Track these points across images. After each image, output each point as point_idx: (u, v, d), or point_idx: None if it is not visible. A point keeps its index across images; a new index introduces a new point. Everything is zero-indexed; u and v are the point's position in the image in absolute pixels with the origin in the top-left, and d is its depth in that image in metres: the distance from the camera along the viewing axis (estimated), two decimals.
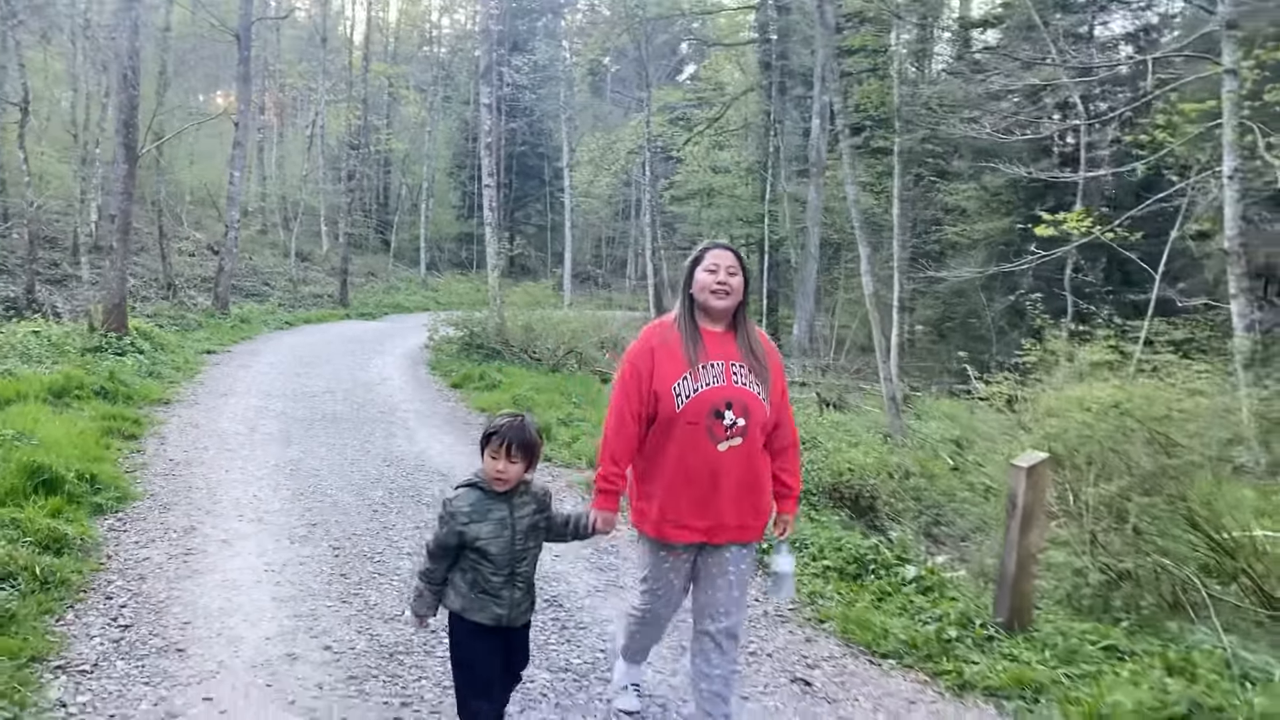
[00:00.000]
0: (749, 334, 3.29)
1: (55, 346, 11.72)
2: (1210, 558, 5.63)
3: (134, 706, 3.48)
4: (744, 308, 3.32)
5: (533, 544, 3.07)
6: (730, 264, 3.27)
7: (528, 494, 3.06)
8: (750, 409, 3.17)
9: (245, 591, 4.70)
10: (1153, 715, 3.60)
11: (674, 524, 3.21)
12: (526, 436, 2.95)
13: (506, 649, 3.08)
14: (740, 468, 3.18)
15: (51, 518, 5.23)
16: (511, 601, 3.00)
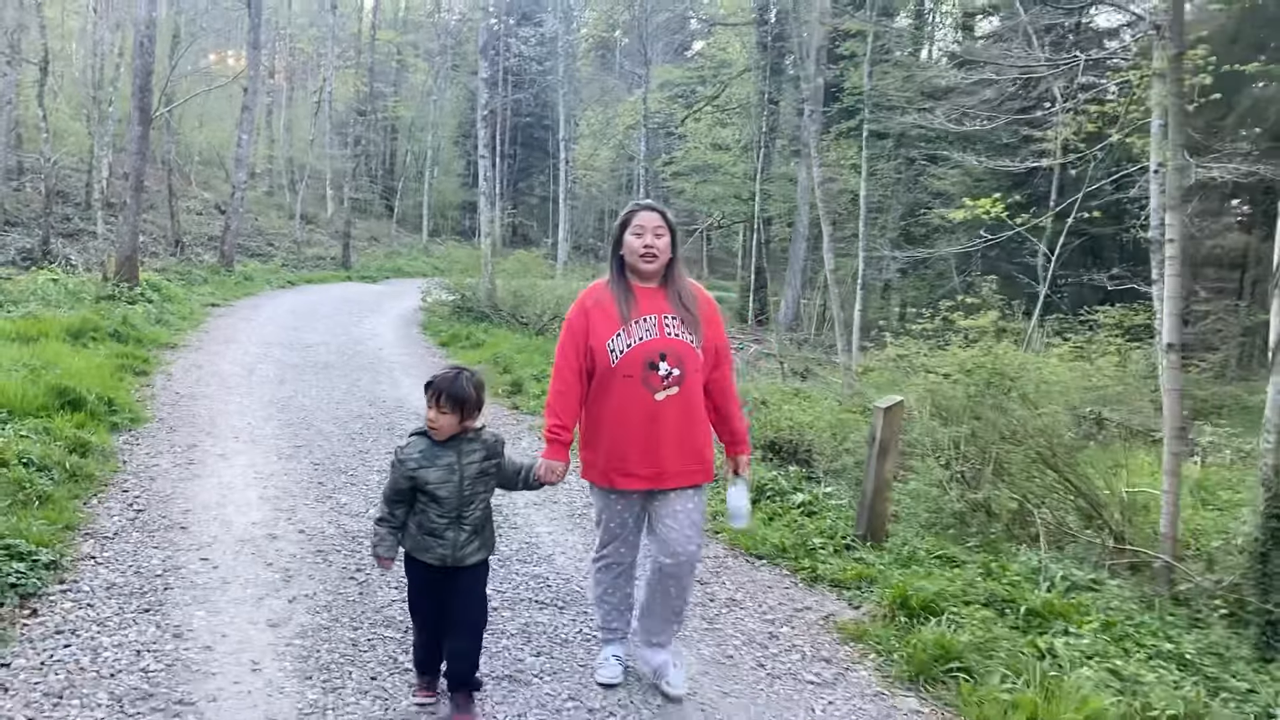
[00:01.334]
0: (680, 287, 3.43)
1: (72, 294, 12.68)
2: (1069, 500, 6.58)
3: (146, 561, 4.44)
4: (675, 263, 3.45)
5: (481, 489, 3.22)
6: (657, 225, 3.39)
7: (477, 441, 3.21)
8: (684, 358, 3.33)
9: (237, 491, 5.67)
10: (952, 599, 4.54)
11: (619, 472, 3.37)
12: (455, 389, 3.11)
13: (451, 589, 3.21)
14: (679, 415, 3.35)
15: (77, 429, 6.21)
16: (455, 543, 3.16)
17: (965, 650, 3.98)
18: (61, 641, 3.54)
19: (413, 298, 19.38)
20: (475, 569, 3.26)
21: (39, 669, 3.32)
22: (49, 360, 8.00)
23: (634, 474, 3.37)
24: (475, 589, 3.28)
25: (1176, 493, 5.81)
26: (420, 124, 43.99)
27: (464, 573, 3.21)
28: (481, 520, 3.24)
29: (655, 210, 3.44)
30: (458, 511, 3.15)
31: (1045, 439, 6.54)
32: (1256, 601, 5.21)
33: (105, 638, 3.61)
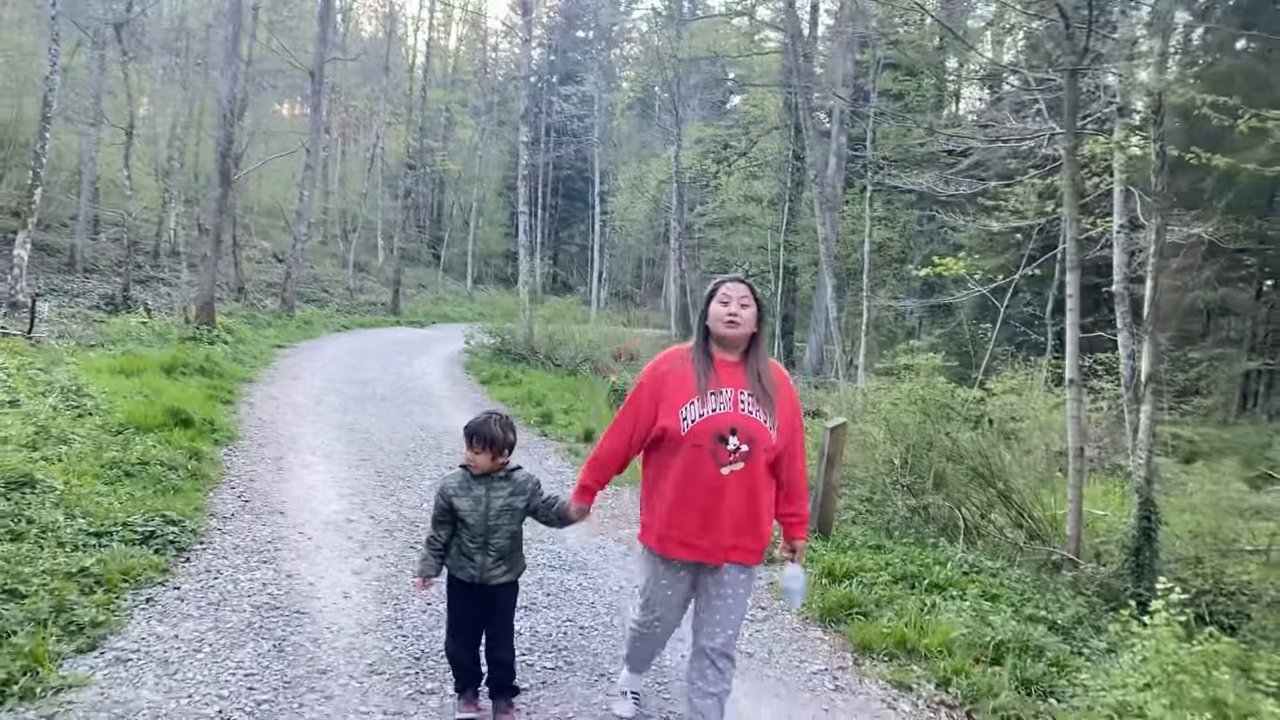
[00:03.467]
0: (760, 365, 3.40)
1: (159, 335, 14.40)
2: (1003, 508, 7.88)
3: (258, 533, 5.92)
4: (758, 339, 3.43)
5: (505, 521, 3.58)
6: (742, 296, 3.39)
7: (508, 481, 3.61)
8: (755, 436, 3.27)
9: (319, 490, 7.16)
10: (869, 572, 5.87)
11: (676, 541, 3.34)
12: (484, 430, 3.55)
13: (481, 605, 3.63)
14: (741, 492, 3.28)
15: (190, 442, 7.75)
16: (482, 565, 3.58)
17: (867, 603, 5.33)
18: (210, 578, 5.02)
19: (457, 341, 20.99)
20: (505, 588, 3.67)
21: (200, 591, 4.80)
22: (155, 389, 9.60)
23: (689, 544, 3.34)
24: (506, 608, 3.71)
25: (1079, 502, 7.11)
26: (466, 177, 46.13)
27: (494, 591, 3.64)
28: (508, 549, 3.62)
29: (742, 283, 3.45)
30: (484, 539, 3.57)
31: (982, 458, 7.87)
32: (1131, 585, 6.50)
33: (240, 576, 5.09)
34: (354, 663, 4.16)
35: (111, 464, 6.60)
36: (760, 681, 4.38)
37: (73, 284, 23.18)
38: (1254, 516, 8.71)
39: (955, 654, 4.68)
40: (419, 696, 3.89)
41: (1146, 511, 6.65)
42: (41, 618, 4.11)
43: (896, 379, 9.03)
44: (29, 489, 5.55)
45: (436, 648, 4.36)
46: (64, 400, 8.24)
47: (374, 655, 4.26)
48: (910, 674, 4.54)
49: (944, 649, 4.74)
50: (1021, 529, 7.71)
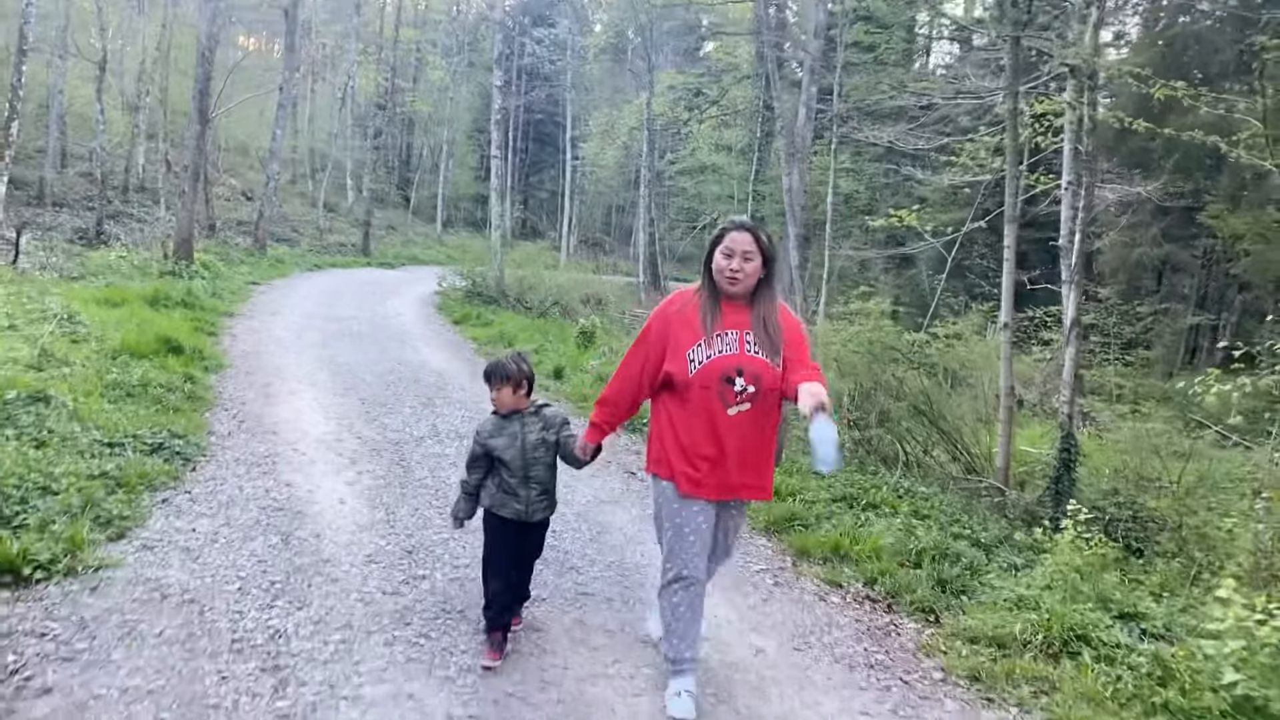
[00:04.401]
0: (765, 307, 3.41)
1: (139, 269, 14.72)
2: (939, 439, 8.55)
3: (256, 449, 6.44)
4: (766, 283, 3.43)
5: (541, 454, 3.74)
6: (746, 248, 3.35)
7: (537, 416, 3.78)
8: (761, 376, 3.33)
9: (307, 414, 7.67)
10: (811, 491, 6.50)
11: (686, 478, 3.41)
12: (501, 367, 3.74)
13: (520, 541, 3.80)
14: (749, 431, 3.37)
15: (183, 368, 8.21)
16: (527, 500, 3.73)
17: (808, 517, 5.97)
18: (217, 484, 5.56)
19: (428, 283, 21.35)
20: (541, 526, 3.88)
21: (209, 495, 5.34)
22: (143, 319, 10.01)
23: (699, 482, 3.41)
24: (537, 545, 3.96)
25: (1009, 436, 7.77)
26: (437, 119, 45.95)
27: (532, 528, 3.83)
28: (548, 481, 3.79)
29: (748, 231, 3.38)
30: (524, 473, 3.72)
31: (925, 397, 8.52)
32: (1050, 510, 7.18)
33: (244, 483, 5.63)
34: (353, 554, 4.72)
35: (114, 385, 7.08)
36: (714, 580, 4.99)
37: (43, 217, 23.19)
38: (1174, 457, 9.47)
39: (882, 558, 5.32)
40: (412, 580, 4.47)
41: (1066, 444, 7.34)
42: (74, 511, 4.63)
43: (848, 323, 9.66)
44: (44, 404, 6.03)
45: (426, 543, 4.94)
46: (59, 327, 8.64)
47: (370, 548, 4.83)
48: (841, 574, 5.18)
49: (873, 554, 5.38)
50: (958, 462, 8.39)
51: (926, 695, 3.87)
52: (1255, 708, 3.64)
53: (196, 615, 3.91)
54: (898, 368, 8.35)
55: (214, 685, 3.39)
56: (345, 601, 4.18)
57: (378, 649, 3.76)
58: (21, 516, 4.42)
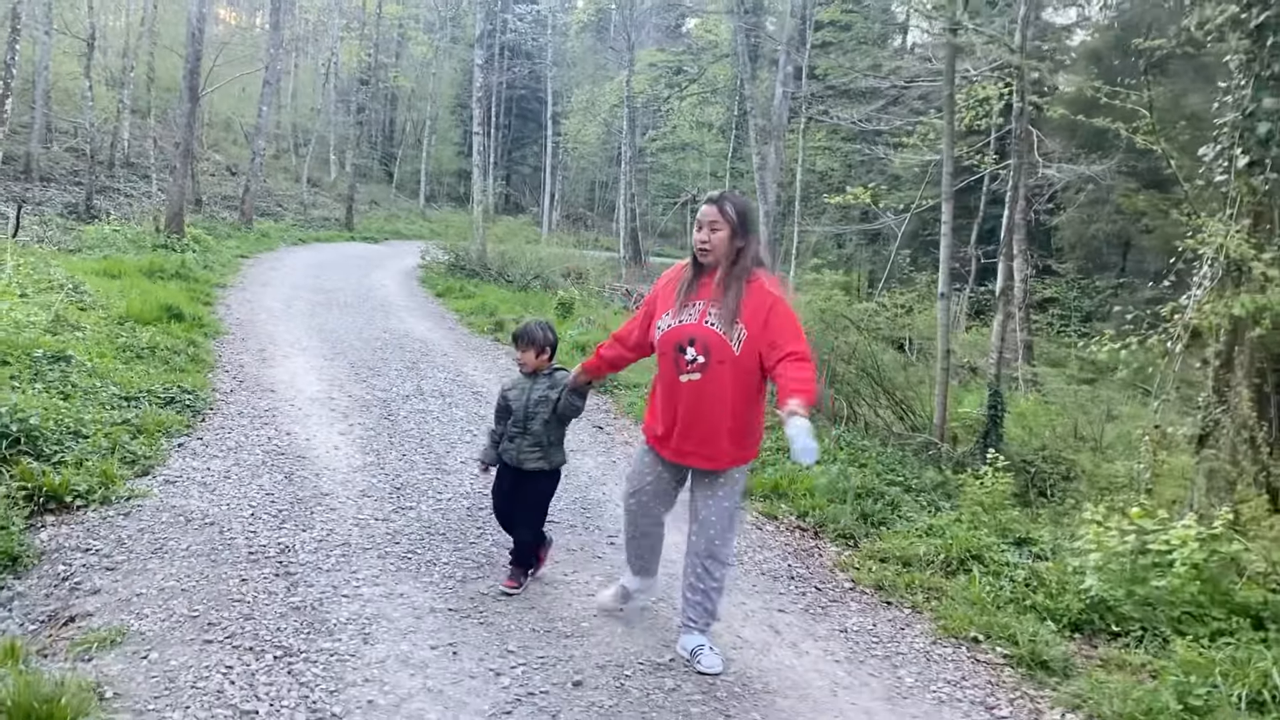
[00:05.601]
0: (732, 280, 3.48)
1: (132, 242, 15.26)
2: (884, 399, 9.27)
3: (256, 404, 7.11)
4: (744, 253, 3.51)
5: (541, 410, 4.14)
6: (712, 219, 3.49)
7: (549, 378, 4.20)
8: (711, 347, 3.45)
9: (301, 375, 8.32)
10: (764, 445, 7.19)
11: (652, 433, 3.78)
12: (526, 331, 4.24)
13: (513, 484, 4.26)
14: (695, 400, 3.52)
15: (185, 333, 8.85)
16: (519, 447, 4.19)
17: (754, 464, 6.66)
18: (225, 433, 6.23)
19: (412, 257, 21.92)
20: (534, 477, 4.22)
21: (219, 440, 6.01)
22: (144, 290, 10.61)
23: (660, 439, 3.71)
24: (532, 495, 4.25)
25: (944, 396, 8.50)
26: (419, 94, 46.24)
27: (525, 477, 4.21)
28: (542, 436, 4.18)
29: (714, 203, 3.52)
30: (524, 424, 4.17)
31: (872, 360, 9.24)
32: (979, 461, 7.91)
33: (249, 432, 6.30)
34: (348, 489, 5.41)
35: (124, 347, 7.72)
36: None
37: (31, 192, 23.62)
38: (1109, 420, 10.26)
39: (815, 496, 6.04)
40: (401, 510, 5.17)
41: (994, 401, 8.08)
42: (103, 451, 5.29)
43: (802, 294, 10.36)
44: (65, 363, 6.66)
45: (412, 481, 5.64)
46: (67, 295, 9.24)
47: (363, 485, 5.52)
48: (778, 509, 5.90)
49: (807, 493, 6.10)
50: (904, 421, 9.13)
51: (836, 599, 4.60)
52: (1106, 606, 4.39)
53: (217, 534, 4.60)
54: (849, 335, 9.05)
55: (236, 585, 4.08)
56: (343, 525, 4.87)
57: (372, 561, 4.46)
58: (59, 455, 5.09)
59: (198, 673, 3.35)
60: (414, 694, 3.31)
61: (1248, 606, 4.28)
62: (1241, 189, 5.76)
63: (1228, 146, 5.87)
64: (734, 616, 4.22)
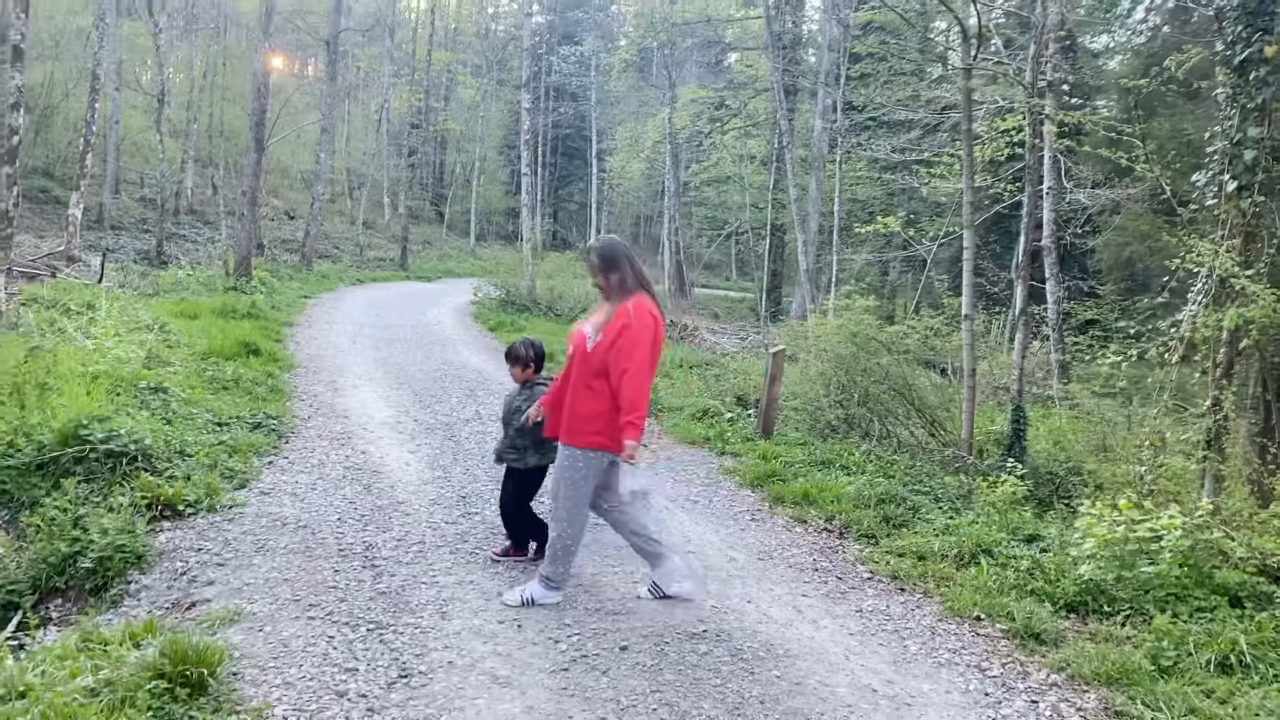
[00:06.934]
0: (606, 306, 4.44)
1: (204, 285, 16.25)
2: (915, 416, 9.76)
3: (332, 429, 7.82)
4: (618, 283, 4.39)
5: (515, 419, 4.88)
6: (590, 266, 4.48)
7: (529, 389, 4.99)
8: (576, 345, 4.43)
9: (371, 404, 9.05)
10: (793, 454, 7.76)
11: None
12: (509, 350, 5.08)
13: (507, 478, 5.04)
14: (566, 384, 4.48)
15: (262, 367, 9.64)
16: (500, 442, 5.05)
17: (786, 474, 7.23)
18: (308, 452, 6.94)
19: (465, 295, 22.79)
20: (513, 472, 4.98)
21: (304, 458, 6.73)
22: (222, 328, 11.46)
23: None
24: (510, 486, 5.04)
25: (971, 411, 8.98)
26: (468, 136, 47.59)
27: (508, 473, 5.05)
28: (516, 439, 4.90)
29: (586, 255, 4.53)
30: (505, 423, 5.06)
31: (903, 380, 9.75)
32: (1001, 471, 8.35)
33: (329, 451, 7.01)
34: (420, 498, 6.08)
35: (211, 380, 8.52)
36: (702, 516, 6.30)
37: (105, 240, 24.96)
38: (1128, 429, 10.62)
39: (842, 502, 6.58)
40: (468, 515, 5.81)
41: (1017, 417, 8.55)
42: (206, 467, 6.01)
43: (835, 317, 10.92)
44: (163, 393, 7.44)
45: (476, 492, 6.29)
46: (155, 334, 10.11)
47: (433, 495, 6.18)
48: (807, 513, 6.45)
49: (835, 500, 6.63)
50: (936, 438, 9.60)
51: (854, 587, 5.14)
52: (1099, 589, 4.88)
53: (309, 535, 5.27)
54: (880, 356, 9.56)
55: (330, 575, 4.74)
56: (418, 528, 5.52)
57: (445, 555, 5.10)
58: (169, 470, 5.82)
59: (306, 640, 4.00)
60: (485, 656, 3.92)
61: (1227, 587, 4.75)
62: (1231, 211, 6.25)
63: (1218, 172, 6.37)
64: (762, 599, 4.79)
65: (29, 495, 5.55)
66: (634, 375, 4.24)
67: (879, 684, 3.90)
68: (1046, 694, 3.89)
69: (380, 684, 3.67)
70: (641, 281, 4.47)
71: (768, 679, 3.88)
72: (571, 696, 3.64)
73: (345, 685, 3.65)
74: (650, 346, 4.33)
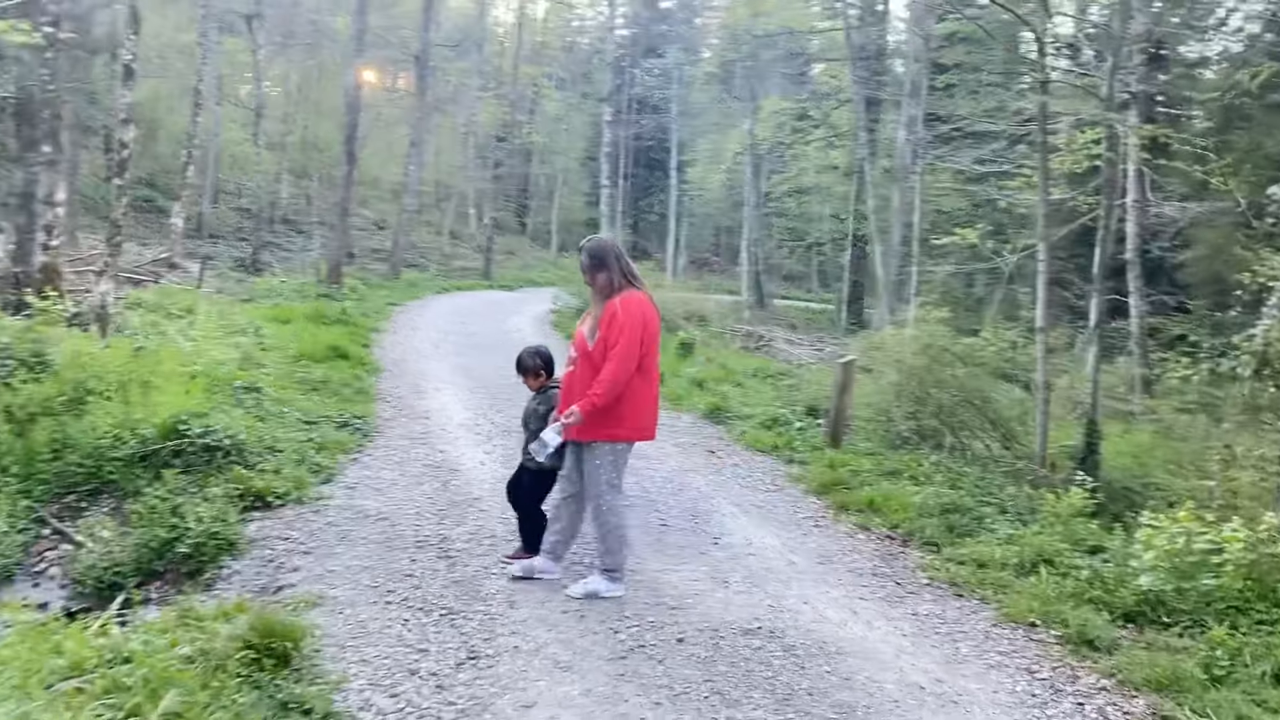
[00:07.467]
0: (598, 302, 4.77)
1: (297, 291, 16.93)
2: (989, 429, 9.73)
3: (413, 429, 8.17)
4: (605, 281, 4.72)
5: (533, 422, 5.19)
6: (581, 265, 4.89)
7: (543, 394, 5.26)
8: (579, 348, 4.74)
9: (450, 406, 9.40)
10: (862, 462, 7.83)
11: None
12: (517, 362, 5.38)
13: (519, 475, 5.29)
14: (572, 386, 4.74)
15: (350, 369, 10.07)
16: (522, 447, 5.23)
17: (852, 482, 7.31)
18: (390, 450, 7.29)
19: (544, 303, 23.21)
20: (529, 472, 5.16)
21: (386, 456, 7.08)
22: (313, 333, 11.98)
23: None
24: (525, 485, 5.22)
25: (1045, 424, 8.93)
26: (551, 148, 48.36)
27: (523, 471, 5.25)
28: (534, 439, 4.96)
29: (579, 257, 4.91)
30: (526, 425, 5.31)
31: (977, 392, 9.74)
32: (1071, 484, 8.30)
33: (410, 450, 7.36)
34: (494, 495, 6.33)
35: (301, 381, 8.97)
36: (765, 522, 6.44)
37: (203, 248, 26.09)
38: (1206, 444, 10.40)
39: (908, 511, 6.64)
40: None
41: (1090, 430, 8.48)
42: (294, 462, 6.38)
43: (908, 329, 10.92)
44: (257, 392, 7.88)
45: None
46: (249, 337, 10.63)
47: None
48: (871, 521, 6.54)
49: (900, 509, 6.70)
50: (1009, 450, 9.56)
51: (912, 592, 5.23)
52: (1158, 599, 4.89)
53: (389, 527, 5.58)
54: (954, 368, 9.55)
55: (407, 564, 5.03)
56: (490, 522, 5.79)
57: (514, 549, 5.34)
58: (260, 464, 6.20)
59: (382, 623, 4.28)
60: (549, 643, 4.15)
61: None
62: None
63: None
64: (819, 601, 4.92)
65: (133, 485, 5.97)
66: (616, 357, 4.54)
67: (927, 682, 4.01)
68: (1094, 697, 3.96)
69: (450, 664, 3.92)
70: (630, 278, 4.81)
71: (818, 673, 4.02)
72: (628, 682, 3.84)
73: (417, 664, 3.91)
74: (638, 331, 4.62)
